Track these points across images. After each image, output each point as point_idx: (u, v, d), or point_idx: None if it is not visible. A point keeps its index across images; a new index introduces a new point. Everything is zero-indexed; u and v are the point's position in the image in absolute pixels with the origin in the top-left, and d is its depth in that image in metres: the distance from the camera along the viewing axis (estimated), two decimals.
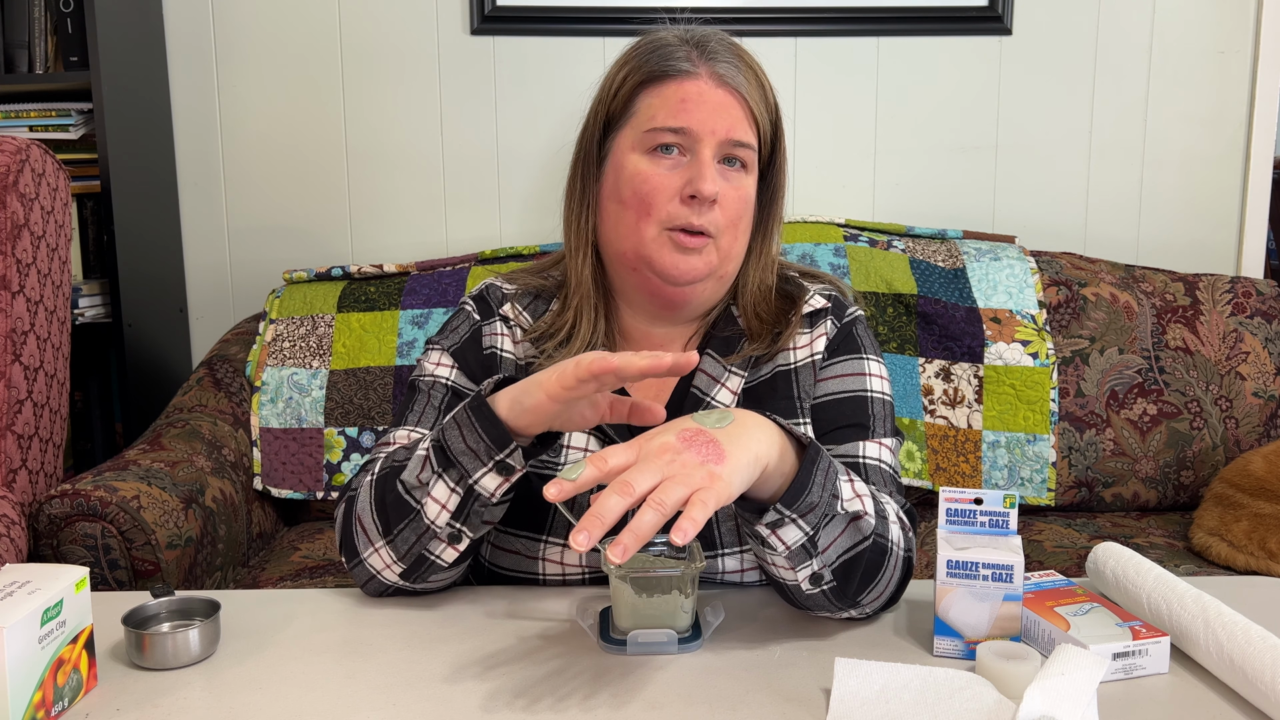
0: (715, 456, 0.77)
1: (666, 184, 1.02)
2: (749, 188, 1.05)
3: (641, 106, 1.04)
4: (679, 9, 2.14)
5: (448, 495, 0.91)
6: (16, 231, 1.49)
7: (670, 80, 1.03)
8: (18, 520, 1.40)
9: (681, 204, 1.01)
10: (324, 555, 1.73)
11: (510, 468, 0.90)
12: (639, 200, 1.02)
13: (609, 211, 1.06)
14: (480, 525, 0.94)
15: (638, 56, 1.06)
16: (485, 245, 2.22)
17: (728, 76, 1.03)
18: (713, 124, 1.01)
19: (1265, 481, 1.69)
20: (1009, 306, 1.95)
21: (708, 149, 1.01)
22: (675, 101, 1.02)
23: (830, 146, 2.23)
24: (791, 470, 0.84)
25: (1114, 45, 2.21)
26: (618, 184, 1.04)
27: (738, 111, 1.03)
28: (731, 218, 1.03)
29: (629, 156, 1.04)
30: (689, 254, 1.02)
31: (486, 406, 0.89)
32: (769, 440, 0.82)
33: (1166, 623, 0.87)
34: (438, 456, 0.91)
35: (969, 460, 1.89)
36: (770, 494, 0.84)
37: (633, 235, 1.03)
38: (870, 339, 1.12)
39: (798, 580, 0.88)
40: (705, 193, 1.00)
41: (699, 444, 0.78)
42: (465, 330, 1.12)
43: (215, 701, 0.81)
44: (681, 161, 1.02)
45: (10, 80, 1.92)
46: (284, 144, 2.20)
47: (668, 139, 1.02)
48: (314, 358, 1.92)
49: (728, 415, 0.82)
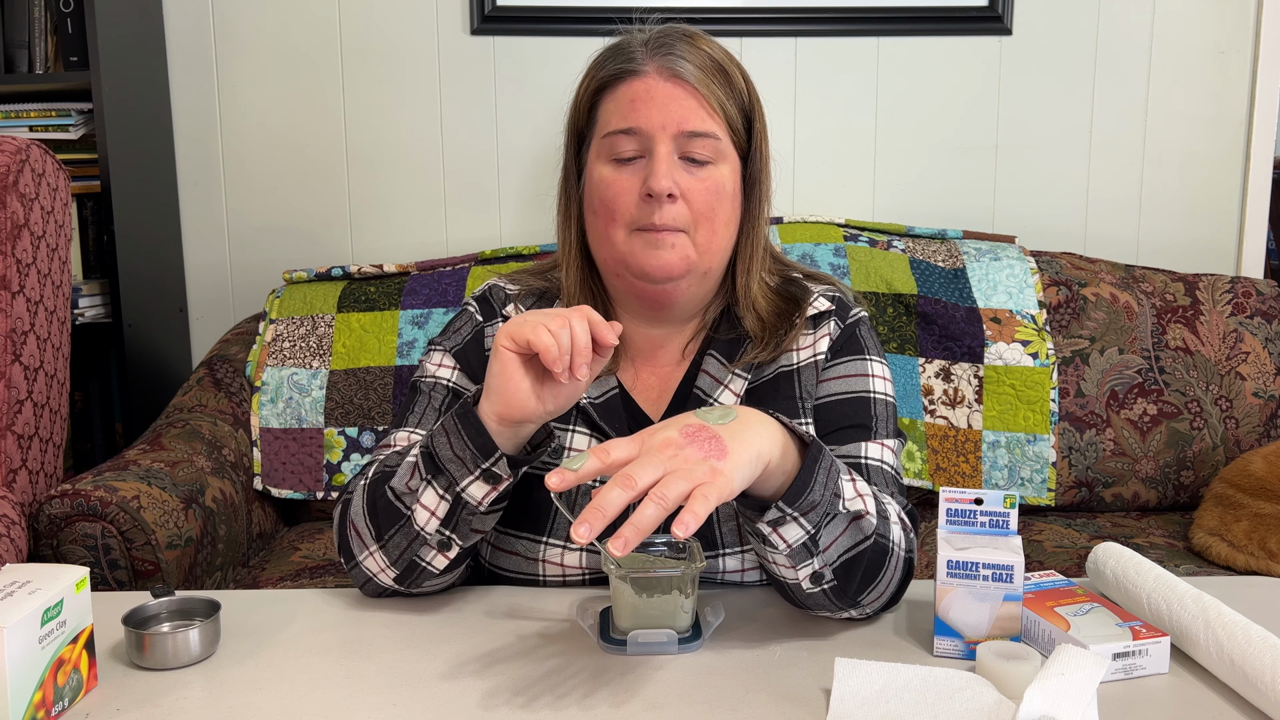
0: (718, 452, 0.77)
1: (628, 186, 1.02)
2: (719, 179, 1.03)
3: (600, 114, 1.05)
4: (678, 10, 2.15)
5: (437, 502, 0.91)
6: (16, 231, 1.49)
7: (621, 83, 1.03)
8: (18, 520, 1.40)
9: (642, 203, 1.01)
10: (324, 555, 1.73)
11: (497, 476, 0.90)
12: (605, 207, 1.03)
13: (589, 223, 1.07)
14: (470, 534, 0.94)
15: (597, 64, 1.07)
16: (485, 245, 2.22)
17: (677, 69, 1.01)
18: (662, 119, 1.00)
19: (1265, 481, 1.69)
20: (1009, 306, 1.95)
21: (662, 145, 1.00)
22: (626, 103, 1.02)
23: (830, 146, 2.23)
24: (793, 468, 0.84)
25: (1114, 45, 2.21)
26: (590, 195, 1.05)
27: (689, 102, 1.01)
28: (701, 210, 1.02)
29: (595, 166, 1.04)
30: (661, 249, 1.01)
31: (473, 414, 0.90)
32: (771, 438, 0.82)
33: (1166, 623, 0.87)
34: (426, 463, 0.91)
35: (969, 460, 1.89)
36: (772, 492, 0.84)
37: (607, 242, 1.04)
38: (874, 340, 1.12)
39: (799, 579, 0.88)
40: (656, 189, 0.99)
41: (702, 439, 0.78)
42: (468, 331, 1.12)
43: (215, 701, 0.81)
44: (641, 164, 1.02)
45: (10, 80, 1.92)
46: (284, 144, 2.20)
47: (622, 143, 1.01)
48: (314, 358, 1.92)
49: (730, 412, 0.82)
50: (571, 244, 1.10)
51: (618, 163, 1.02)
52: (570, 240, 1.10)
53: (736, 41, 2.17)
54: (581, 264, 1.10)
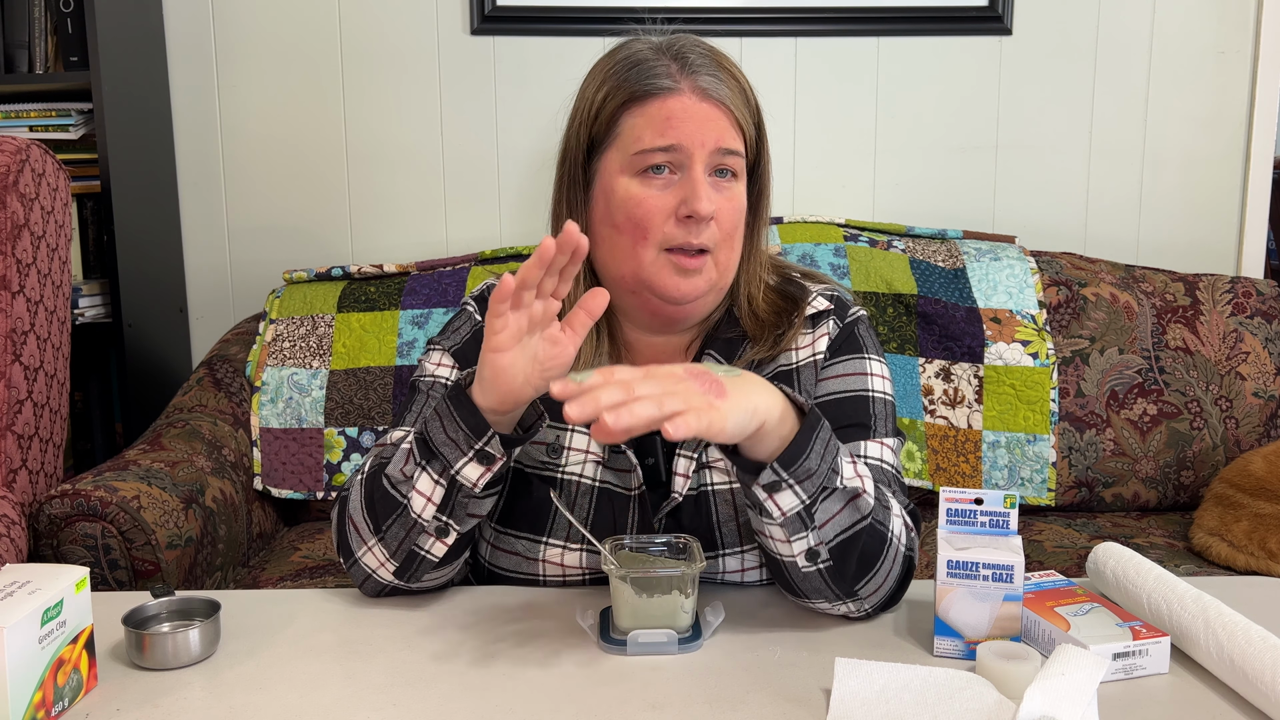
0: (717, 391, 0.81)
1: (661, 205, 1.01)
2: (741, 196, 1.05)
3: (626, 128, 1.03)
4: (678, 10, 2.15)
5: (432, 488, 0.92)
6: (16, 231, 1.49)
7: (653, 99, 1.02)
8: (18, 520, 1.40)
9: (677, 224, 1.01)
10: (324, 555, 1.73)
11: (490, 456, 0.91)
12: (634, 225, 1.01)
13: (603, 236, 1.05)
14: (466, 518, 0.94)
15: (616, 75, 1.04)
16: (485, 245, 2.22)
17: (711, 90, 1.02)
18: (701, 137, 1.00)
19: (1265, 481, 1.69)
20: (1009, 306, 1.95)
21: (699, 164, 1.00)
22: (661, 120, 1.01)
23: (830, 146, 2.23)
24: (790, 433, 0.86)
25: (1114, 45, 2.21)
26: (609, 209, 1.03)
27: (724, 122, 1.02)
28: (728, 230, 1.03)
29: (618, 180, 1.03)
30: (690, 275, 1.01)
31: (464, 395, 0.91)
32: (771, 399, 0.85)
33: (1166, 623, 0.87)
34: (420, 449, 0.92)
35: (969, 460, 1.89)
36: (767, 454, 0.86)
37: (630, 260, 1.02)
38: (873, 339, 1.12)
39: (794, 555, 0.89)
40: (703, 212, 0.99)
41: (703, 378, 0.82)
42: (467, 331, 1.12)
43: (215, 701, 0.82)
44: (673, 180, 1.01)
45: (10, 80, 1.92)
46: (284, 144, 2.20)
47: (658, 159, 1.00)
48: (314, 358, 1.92)
49: (736, 370, 0.86)
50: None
51: (646, 178, 1.01)
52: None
53: (736, 41, 2.17)
54: (582, 273, 1.08)
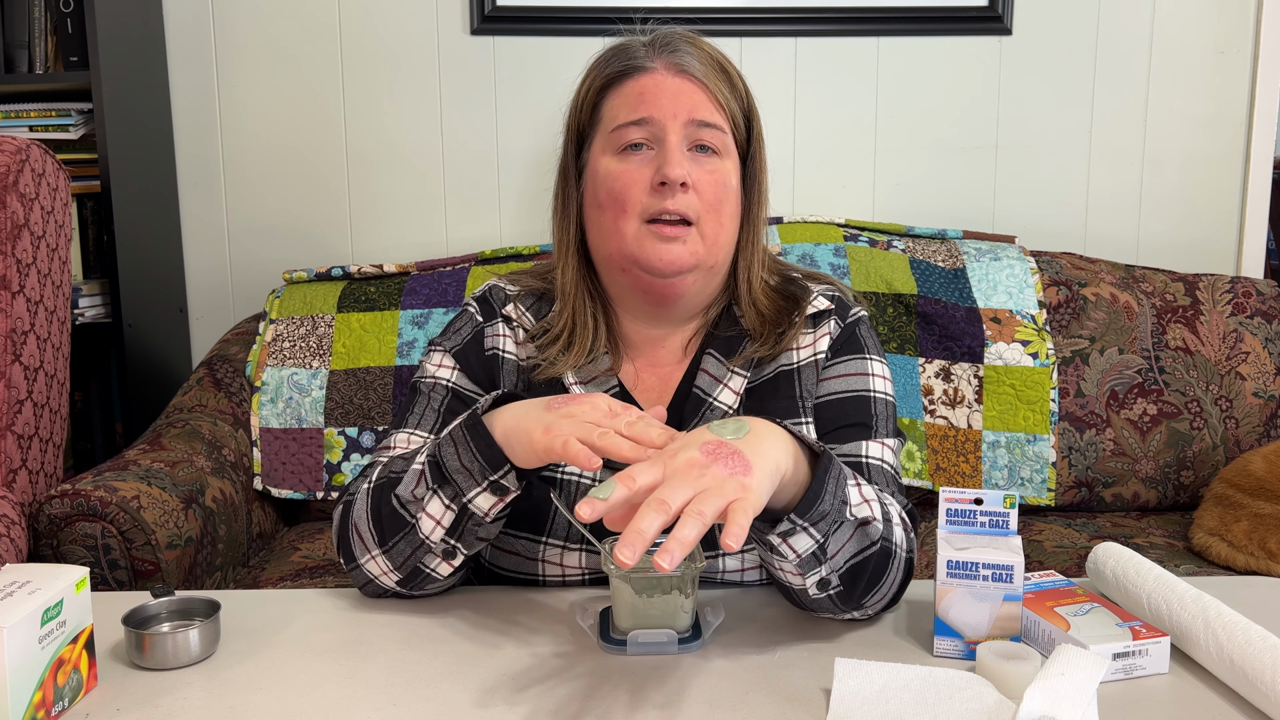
0: (743, 468, 0.77)
1: (638, 177, 1.02)
2: (726, 172, 1.05)
3: (605, 110, 1.06)
4: (678, 10, 2.15)
5: (442, 512, 0.91)
6: (16, 231, 1.49)
7: (628, 79, 1.05)
8: (18, 520, 1.40)
9: (653, 193, 1.02)
10: (324, 555, 1.72)
11: (504, 488, 0.90)
12: (614, 199, 1.03)
13: (592, 219, 1.07)
14: (475, 542, 0.94)
15: (599, 65, 1.08)
16: (485, 245, 2.22)
17: (685, 65, 1.04)
18: (673, 108, 1.02)
19: (1265, 481, 1.69)
20: (1009, 306, 1.95)
21: (673, 135, 1.02)
22: (635, 96, 1.03)
23: (830, 146, 2.23)
24: (805, 478, 0.84)
25: (1114, 45, 2.21)
26: (595, 189, 1.05)
27: (699, 95, 1.03)
28: (710, 202, 1.03)
29: (601, 161, 1.05)
30: (671, 243, 1.02)
31: (482, 426, 0.89)
32: (785, 449, 0.82)
33: (1166, 623, 0.87)
34: (433, 472, 0.91)
35: (969, 460, 1.89)
36: (784, 503, 0.84)
37: (614, 235, 1.04)
38: (874, 339, 1.12)
39: (805, 586, 0.88)
40: (671, 176, 1.00)
41: (724, 456, 0.78)
42: (468, 331, 1.12)
43: (215, 701, 0.81)
44: (650, 155, 1.03)
45: (10, 80, 1.92)
46: (284, 144, 2.20)
47: (633, 134, 1.02)
48: (314, 358, 1.92)
49: (744, 424, 0.82)
50: (569, 243, 1.10)
51: (625, 155, 1.03)
52: (568, 240, 1.10)
53: (736, 41, 2.17)
54: (579, 263, 1.10)
